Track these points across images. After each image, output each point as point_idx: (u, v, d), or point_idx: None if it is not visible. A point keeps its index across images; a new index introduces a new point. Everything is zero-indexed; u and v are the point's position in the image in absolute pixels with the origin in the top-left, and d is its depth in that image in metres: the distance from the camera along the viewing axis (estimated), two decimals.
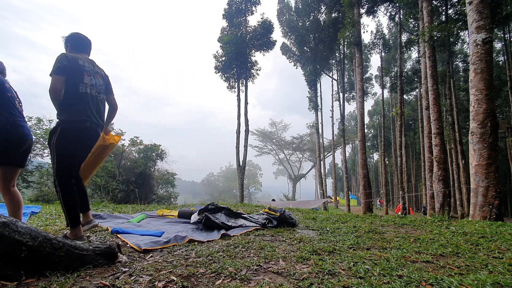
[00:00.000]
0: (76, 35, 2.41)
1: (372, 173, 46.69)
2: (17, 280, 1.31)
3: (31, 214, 3.69)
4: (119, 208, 5.01)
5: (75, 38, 2.40)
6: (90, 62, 2.38)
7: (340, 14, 21.05)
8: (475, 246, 2.26)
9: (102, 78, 2.44)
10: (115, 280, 1.38)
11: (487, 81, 5.13)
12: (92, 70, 2.33)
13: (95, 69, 2.39)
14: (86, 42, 2.44)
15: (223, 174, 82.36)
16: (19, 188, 11.96)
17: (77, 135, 2.19)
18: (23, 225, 1.43)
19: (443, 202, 9.61)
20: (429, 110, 11.13)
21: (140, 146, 12.70)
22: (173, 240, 2.28)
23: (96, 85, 2.34)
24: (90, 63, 2.37)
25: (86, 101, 2.23)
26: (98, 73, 2.40)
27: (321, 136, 27.12)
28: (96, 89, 2.33)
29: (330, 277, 1.48)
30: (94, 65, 2.40)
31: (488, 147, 4.96)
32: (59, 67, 2.11)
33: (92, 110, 2.28)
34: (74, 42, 2.39)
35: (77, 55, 2.29)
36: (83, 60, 2.29)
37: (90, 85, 2.27)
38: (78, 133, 2.19)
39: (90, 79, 2.29)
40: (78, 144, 2.21)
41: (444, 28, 10.56)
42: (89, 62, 2.37)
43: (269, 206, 3.86)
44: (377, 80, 30.88)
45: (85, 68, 2.26)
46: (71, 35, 2.41)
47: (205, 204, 3.71)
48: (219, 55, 18.10)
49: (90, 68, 2.31)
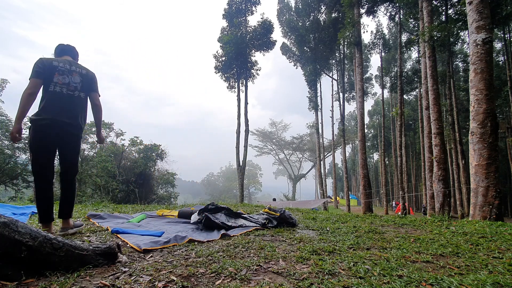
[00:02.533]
0: (59, 45, 2.63)
1: (372, 173, 46.70)
2: (17, 280, 1.31)
3: (31, 214, 3.68)
4: (119, 208, 5.01)
5: (57, 47, 2.62)
6: (67, 62, 2.45)
7: (340, 14, 21.05)
8: (475, 246, 2.26)
9: (80, 76, 2.46)
10: (115, 280, 1.38)
11: (487, 81, 5.13)
12: (67, 69, 2.40)
13: (72, 68, 2.44)
14: (67, 47, 2.62)
15: (223, 174, 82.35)
16: (19, 188, 11.96)
17: (37, 132, 2.28)
18: (23, 225, 1.43)
19: (443, 202, 9.61)
20: (429, 110, 11.13)
21: (140, 146, 12.72)
22: (173, 240, 2.28)
23: (69, 84, 2.38)
24: (67, 63, 2.45)
25: (52, 99, 2.31)
26: (75, 71, 2.44)
27: (321, 136, 27.12)
28: (68, 87, 2.38)
29: (330, 277, 1.48)
30: (72, 65, 2.46)
31: (488, 147, 4.96)
32: (35, 71, 2.28)
33: (60, 108, 2.32)
34: (56, 50, 2.61)
35: (53, 58, 2.43)
36: (58, 61, 2.40)
37: (61, 84, 2.35)
38: (38, 131, 2.28)
39: (63, 77, 2.36)
40: (38, 141, 2.30)
41: (444, 28, 10.56)
42: (66, 62, 2.45)
43: (269, 206, 3.86)
44: (377, 80, 30.89)
45: (58, 68, 2.36)
46: (56, 46, 2.62)
47: (205, 204, 3.71)
48: (219, 55, 18.10)
49: (64, 67, 2.40)
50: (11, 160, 11.30)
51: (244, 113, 17.83)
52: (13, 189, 11.87)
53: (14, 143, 2.61)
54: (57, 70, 2.36)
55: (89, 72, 2.59)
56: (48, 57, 2.41)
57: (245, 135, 17.74)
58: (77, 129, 2.43)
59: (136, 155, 12.60)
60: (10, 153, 11.18)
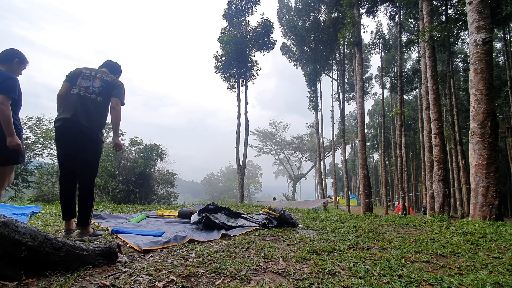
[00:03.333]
0: (105, 61, 2.89)
1: (372, 173, 46.66)
2: (17, 280, 1.31)
3: (31, 214, 3.68)
4: (119, 208, 5.01)
5: (104, 63, 2.88)
6: (95, 70, 2.62)
7: (340, 14, 21.04)
8: (475, 246, 2.26)
9: (102, 82, 2.55)
10: (115, 280, 1.38)
11: (487, 81, 5.12)
12: (91, 75, 2.55)
13: (98, 75, 2.57)
14: (108, 62, 2.86)
15: (223, 174, 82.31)
16: (19, 188, 11.97)
17: (55, 132, 2.44)
18: (23, 225, 1.43)
19: (443, 202, 9.61)
20: (429, 110, 11.12)
21: (140, 146, 12.71)
22: (173, 240, 2.28)
23: (90, 87, 2.49)
24: (94, 70, 2.61)
25: (71, 100, 2.42)
26: (98, 78, 2.55)
27: (321, 136, 27.11)
28: (88, 90, 2.47)
29: (330, 277, 1.48)
30: (98, 72, 2.60)
31: (488, 147, 4.95)
32: (66, 76, 2.54)
33: (75, 109, 2.37)
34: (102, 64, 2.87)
35: (87, 67, 2.64)
36: (87, 69, 2.60)
37: (82, 87, 2.48)
38: (56, 130, 2.42)
39: (85, 81, 2.49)
40: (56, 140, 2.47)
41: (444, 28, 10.56)
42: (94, 70, 2.61)
43: (269, 206, 3.86)
44: (377, 80, 30.87)
45: (83, 73, 2.54)
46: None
47: (205, 204, 3.71)
48: (219, 55, 18.09)
49: (90, 73, 2.56)
50: None
51: (244, 113, 17.82)
52: (13, 189, 11.86)
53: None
54: (82, 75, 2.52)
55: (116, 81, 2.63)
56: (80, 67, 2.61)
57: (245, 135, 17.74)
58: (90, 130, 2.40)
59: (136, 155, 12.60)
60: None
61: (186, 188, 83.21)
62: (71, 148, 2.39)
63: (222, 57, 17.95)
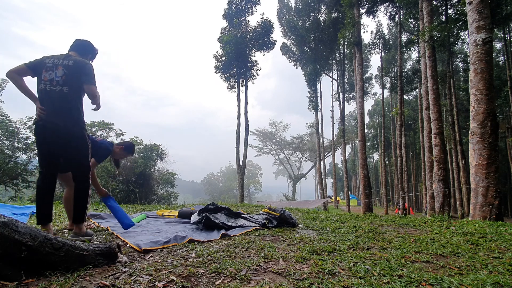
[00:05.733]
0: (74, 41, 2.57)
1: (372, 173, 46.65)
2: (17, 280, 1.31)
3: (31, 214, 3.68)
4: None
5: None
6: (58, 57, 2.30)
7: (340, 14, 21.05)
8: (475, 246, 2.26)
9: (64, 68, 2.24)
10: (115, 280, 1.38)
11: (487, 81, 5.12)
12: (53, 64, 2.24)
13: (60, 61, 2.26)
14: (75, 43, 2.50)
15: (223, 174, 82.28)
16: (19, 188, 11.96)
17: (35, 133, 2.30)
18: (23, 225, 1.43)
19: (443, 202, 9.61)
20: (429, 110, 11.13)
21: (140, 146, 12.71)
22: (173, 240, 2.28)
23: (53, 79, 2.22)
24: (57, 57, 2.29)
25: (40, 98, 2.24)
26: (60, 65, 2.24)
27: (321, 136, 27.11)
28: (52, 83, 2.21)
29: (330, 277, 1.48)
30: (60, 59, 2.28)
31: (488, 147, 4.95)
32: (30, 62, 2.29)
33: (47, 108, 2.20)
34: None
35: (52, 55, 2.32)
36: (50, 57, 2.29)
37: (46, 80, 2.21)
38: (35, 131, 2.29)
39: (49, 74, 2.22)
40: (37, 141, 2.32)
41: (444, 28, 10.56)
42: (57, 57, 2.29)
43: (269, 206, 3.86)
44: (377, 80, 30.86)
45: (46, 64, 2.24)
46: None
47: (205, 204, 3.71)
48: (219, 55, 18.10)
49: (51, 63, 2.25)
50: (11, 160, 11.29)
51: (244, 113, 17.83)
52: (13, 189, 11.86)
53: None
54: (45, 67, 2.23)
55: (79, 63, 2.29)
56: (48, 55, 2.32)
57: (245, 135, 17.74)
58: (66, 128, 2.24)
59: (136, 155, 12.60)
60: (10, 153, 11.18)
61: (186, 188, 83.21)
62: (48, 150, 2.28)
63: (222, 57, 17.96)
